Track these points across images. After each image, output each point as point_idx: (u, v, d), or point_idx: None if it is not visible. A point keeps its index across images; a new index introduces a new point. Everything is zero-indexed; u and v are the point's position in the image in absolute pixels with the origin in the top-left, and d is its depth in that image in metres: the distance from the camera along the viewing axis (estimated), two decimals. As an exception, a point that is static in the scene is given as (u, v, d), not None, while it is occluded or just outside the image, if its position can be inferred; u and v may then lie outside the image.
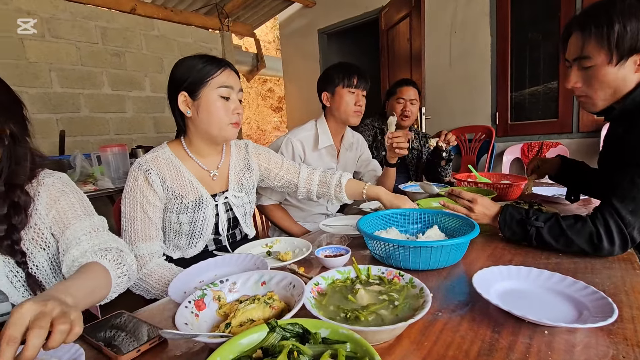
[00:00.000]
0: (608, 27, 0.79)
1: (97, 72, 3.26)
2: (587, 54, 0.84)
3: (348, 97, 1.49)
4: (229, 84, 1.00)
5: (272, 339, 0.44)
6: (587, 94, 0.90)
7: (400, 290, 0.62)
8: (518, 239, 0.91)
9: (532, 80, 2.92)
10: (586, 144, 2.72)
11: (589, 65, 0.85)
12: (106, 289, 0.67)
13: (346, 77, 1.48)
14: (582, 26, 0.84)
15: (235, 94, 1.03)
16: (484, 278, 0.67)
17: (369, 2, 3.75)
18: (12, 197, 0.69)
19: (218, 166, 1.12)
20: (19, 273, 0.71)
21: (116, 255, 0.72)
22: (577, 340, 0.52)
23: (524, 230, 0.88)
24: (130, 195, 0.99)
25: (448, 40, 3.24)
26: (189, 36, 3.93)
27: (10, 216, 0.69)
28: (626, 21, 0.78)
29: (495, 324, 0.57)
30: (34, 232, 0.74)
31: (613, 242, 0.79)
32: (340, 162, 1.64)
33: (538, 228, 0.85)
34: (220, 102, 1.00)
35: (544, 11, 2.77)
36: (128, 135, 3.52)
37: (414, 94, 1.99)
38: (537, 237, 0.86)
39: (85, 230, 0.76)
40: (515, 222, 0.90)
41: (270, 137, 11.21)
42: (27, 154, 0.72)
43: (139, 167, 0.99)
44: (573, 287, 0.64)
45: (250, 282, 0.68)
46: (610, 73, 0.83)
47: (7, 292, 0.69)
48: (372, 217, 1.01)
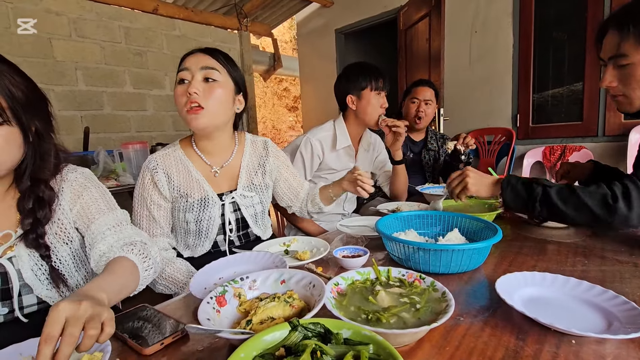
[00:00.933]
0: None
1: (120, 71, 3.35)
2: (624, 52, 0.82)
3: (375, 100, 1.48)
4: (182, 67, 0.94)
5: (294, 338, 0.44)
6: (624, 93, 0.87)
7: (421, 293, 0.62)
8: (520, 204, 0.86)
9: (555, 82, 2.83)
10: (612, 148, 2.63)
11: (625, 64, 0.83)
12: (135, 282, 0.69)
13: (373, 79, 1.46)
14: (620, 24, 0.82)
15: (198, 73, 0.93)
16: (508, 284, 0.65)
17: (387, 2, 3.72)
18: (37, 192, 0.72)
19: (224, 165, 1.08)
20: (43, 266, 0.73)
21: (142, 249, 0.74)
22: (607, 351, 0.50)
23: (530, 191, 0.83)
24: (138, 194, 1.02)
25: (468, 40, 3.18)
26: (208, 36, 3.99)
27: (35, 210, 0.71)
28: None
29: (520, 331, 0.56)
30: (57, 227, 0.76)
31: (631, 206, 0.73)
32: (358, 162, 1.63)
33: (546, 187, 0.80)
34: (178, 87, 0.95)
35: (570, 10, 2.68)
36: (148, 133, 3.61)
37: (430, 95, 1.96)
38: (543, 197, 0.80)
39: (109, 225, 0.78)
40: (520, 184, 0.85)
41: (285, 136, 11.28)
42: (51, 149, 0.74)
43: (148, 164, 1.01)
44: (602, 296, 0.62)
45: (270, 280, 0.68)
46: None
47: (31, 284, 0.71)
48: (390, 218, 1.00)
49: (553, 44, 2.80)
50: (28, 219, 0.71)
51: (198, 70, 0.93)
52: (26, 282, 0.71)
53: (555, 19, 2.76)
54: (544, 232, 1.08)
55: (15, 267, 0.70)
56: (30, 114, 0.68)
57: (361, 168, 1.65)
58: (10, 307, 0.71)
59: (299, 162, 1.52)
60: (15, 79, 0.65)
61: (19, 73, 0.67)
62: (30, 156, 0.71)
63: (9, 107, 0.64)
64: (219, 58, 0.98)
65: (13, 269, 0.70)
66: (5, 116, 0.63)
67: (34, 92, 0.70)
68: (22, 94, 0.66)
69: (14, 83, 0.65)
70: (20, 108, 0.65)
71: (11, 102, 0.64)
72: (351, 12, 4.12)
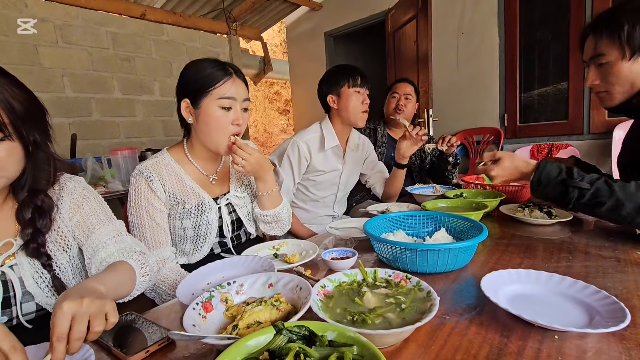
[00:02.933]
0: (618, 26, 0.87)
1: (108, 77, 3.32)
2: (600, 51, 0.92)
3: (355, 97, 1.50)
4: (230, 95, 0.97)
5: (279, 342, 0.44)
6: (605, 89, 0.96)
7: (407, 293, 0.62)
8: (551, 200, 0.86)
9: (541, 81, 2.88)
10: (597, 145, 2.68)
11: (603, 62, 0.93)
12: (131, 285, 0.72)
13: (350, 77, 1.50)
14: (595, 28, 0.93)
15: (239, 103, 0.99)
16: (493, 281, 0.66)
17: (375, 5, 3.75)
18: (35, 201, 0.72)
19: (217, 170, 1.11)
20: (44, 274, 0.73)
21: (141, 257, 0.78)
22: (589, 345, 0.51)
23: (564, 192, 0.82)
24: (135, 204, 0.98)
25: (455, 42, 3.22)
26: (197, 40, 3.98)
27: (35, 220, 0.71)
28: (635, 21, 0.86)
29: (504, 328, 0.56)
30: (57, 235, 0.76)
31: None
32: (346, 162, 1.64)
33: (583, 190, 0.80)
34: (220, 112, 0.97)
35: (553, 11, 2.74)
36: (138, 139, 3.57)
37: (409, 90, 1.97)
38: (578, 200, 0.81)
39: (109, 235, 0.80)
40: (554, 181, 0.85)
41: (277, 139, 11.26)
42: (49, 159, 0.74)
43: (140, 174, 0.98)
44: (584, 291, 0.63)
45: (258, 284, 0.68)
46: (625, 68, 0.90)
47: (33, 292, 0.71)
48: (379, 219, 1.00)
49: (538, 45, 2.85)
50: (28, 228, 0.71)
51: (242, 102, 1.00)
52: (28, 289, 0.70)
53: (539, 20, 2.82)
54: (531, 229, 1.10)
55: (17, 275, 0.70)
56: (29, 126, 0.67)
57: (351, 168, 1.67)
58: (10, 315, 0.70)
59: (286, 165, 1.52)
60: (15, 91, 0.64)
61: (18, 85, 0.66)
62: (29, 168, 0.71)
63: (11, 122, 0.63)
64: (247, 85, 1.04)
65: (15, 277, 0.69)
66: (6, 131, 0.62)
67: (33, 104, 0.69)
68: (23, 107, 0.65)
69: (14, 96, 0.64)
70: (21, 122, 0.65)
71: (12, 117, 0.63)
72: (340, 15, 4.15)
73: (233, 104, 0.98)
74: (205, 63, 0.99)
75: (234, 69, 1.01)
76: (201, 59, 1.01)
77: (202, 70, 0.97)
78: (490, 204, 1.23)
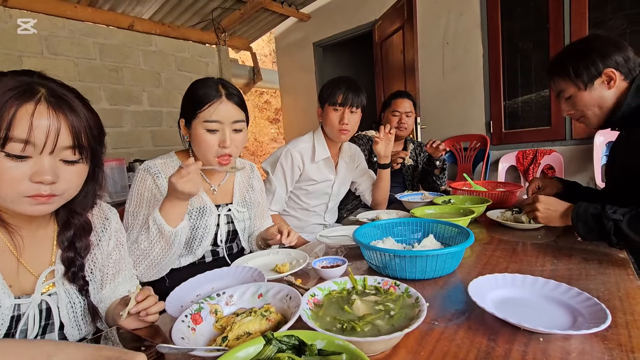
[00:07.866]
0: (564, 69, 1.05)
1: (95, 88, 3.28)
2: (561, 89, 1.09)
3: (332, 114, 1.48)
4: (215, 119, 0.97)
5: (269, 352, 0.44)
6: (581, 115, 1.09)
7: (396, 300, 0.63)
8: (594, 237, 0.90)
9: (524, 89, 2.97)
10: (580, 151, 2.75)
11: (567, 96, 1.08)
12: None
13: (331, 95, 1.47)
14: (550, 72, 1.12)
15: (227, 126, 0.99)
16: (480, 286, 0.67)
17: (362, 16, 3.82)
18: (75, 222, 0.71)
19: (220, 183, 1.14)
20: (75, 305, 0.71)
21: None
22: (572, 347, 0.53)
23: (600, 224, 0.86)
24: (137, 193, 1.01)
25: (441, 52, 3.30)
26: (186, 51, 3.98)
27: (75, 242, 0.70)
28: (575, 62, 1.02)
29: (491, 332, 0.57)
30: (92, 262, 0.76)
31: None
32: (338, 173, 1.64)
33: (616, 221, 0.84)
34: (207, 135, 0.98)
35: (533, 22, 2.83)
36: (126, 150, 3.53)
37: (409, 106, 2.01)
38: (615, 231, 0.84)
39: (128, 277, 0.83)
40: (590, 216, 0.89)
41: (268, 148, 11.25)
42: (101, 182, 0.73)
43: (148, 169, 1.03)
44: (567, 293, 0.65)
45: (247, 294, 0.68)
46: (585, 96, 1.04)
47: (65, 323, 0.69)
48: (369, 227, 1.01)
49: (520, 54, 2.94)
50: (69, 252, 0.70)
51: (231, 124, 1.00)
52: (62, 320, 0.68)
53: (520, 30, 2.91)
54: (517, 233, 1.12)
55: (57, 305, 0.68)
56: (99, 149, 0.67)
57: (343, 178, 1.68)
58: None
59: (279, 173, 1.53)
60: (91, 114, 0.64)
61: (91, 108, 0.65)
62: (90, 189, 0.71)
63: (89, 146, 0.63)
64: (244, 108, 1.04)
65: (55, 306, 0.67)
66: (85, 154, 0.62)
67: (101, 127, 0.68)
68: (96, 131, 0.65)
69: (89, 118, 0.63)
70: (96, 145, 0.65)
71: (92, 140, 0.63)
72: (328, 25, 4.21)
73: (220, 127, 0.98)
74: (199, 84, 1.01)
75: (228, 91, 1.00)
76: (202, 79, 1.03)
77: (194, 91, 1.00)
78: (477, 209, 1.25)
